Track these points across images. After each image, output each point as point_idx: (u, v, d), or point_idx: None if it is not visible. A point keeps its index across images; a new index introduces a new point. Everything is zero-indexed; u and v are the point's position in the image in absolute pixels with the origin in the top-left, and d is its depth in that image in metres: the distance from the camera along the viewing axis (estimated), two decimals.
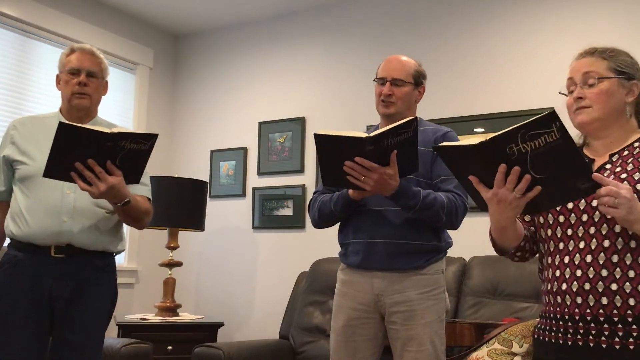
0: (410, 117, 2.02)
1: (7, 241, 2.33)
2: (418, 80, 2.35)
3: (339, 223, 2.40)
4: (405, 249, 2.23)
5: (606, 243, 1.51)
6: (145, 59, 4.71)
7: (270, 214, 4.38)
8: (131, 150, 2.04)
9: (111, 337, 3.40)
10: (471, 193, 1.55)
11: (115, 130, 2.00)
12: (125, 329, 3.70)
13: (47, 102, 3.94)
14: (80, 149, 2.00)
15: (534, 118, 1.36)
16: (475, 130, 3.71)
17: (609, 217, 1.50)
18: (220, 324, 3.98)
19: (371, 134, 1.96)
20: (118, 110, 4.44)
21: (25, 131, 2.33)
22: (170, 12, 4.60)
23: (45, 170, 2.04)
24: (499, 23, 3.81)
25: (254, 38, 4.68)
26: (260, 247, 4.42)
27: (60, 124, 1.97)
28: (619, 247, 1.50)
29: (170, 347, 3.74)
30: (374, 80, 2.39)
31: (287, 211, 4.31)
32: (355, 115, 4.14)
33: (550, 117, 1.34)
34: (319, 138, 1.99)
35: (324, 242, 3.87)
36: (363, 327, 2.27)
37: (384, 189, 2.08)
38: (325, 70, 4.35)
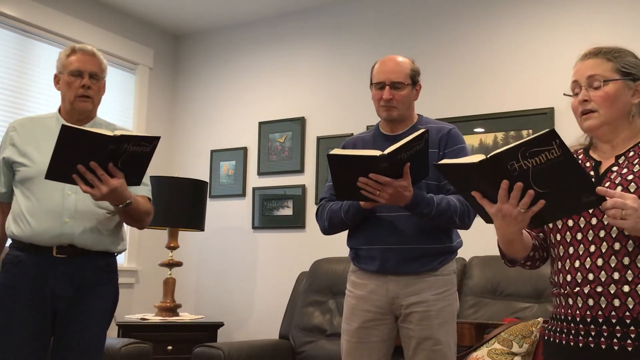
0: (422, 130, 2.04)
1: (9, 242, 2.33)
2: (415, 79, 2.35)
3: None
4: (420, 252, 2.23)
5: (617, 246, 1.49)
6: (145, 59, 4.71)
7: (270, 214, 4.38)
8: (133, 153, 2.04)
9: (111, 337, 3.40)
10: (475, 207, 1.55)
11: (117, 132, 2.00)
12: (125, 329, 3.70)
13: (47, 102, 3.93)
14: (82, 152, 2.00)
15: (534, 136, 1.36)
16: (475, 130, 3.70)
17: None
18: (220, 324, 3.98)
19: (385, 152, 1.96)
20: (118, 110, 4.44)
21: (25, 132, 2.33)
22: (170, 12, 4.60)
23: (47, 172, 2.04)
24: (499, 23, 3.81)
25: (254, 38, 4.68)
26: (260, 247, 4.42)
27: (63, 126, 1.97)
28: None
29: (170, 347, 3.74)
30: (371, 84, 2.37)
31: (287, 211, 4.31)
32: (355, 115, 4.14)
33: (550, 135, 1.34)
34: (332, 158, 1.99)
35: (324, 242, 3.85)
36: (377, 329, 2.27)
37: (399, 201, 2.09)
38: (325, 70, 4.35)
